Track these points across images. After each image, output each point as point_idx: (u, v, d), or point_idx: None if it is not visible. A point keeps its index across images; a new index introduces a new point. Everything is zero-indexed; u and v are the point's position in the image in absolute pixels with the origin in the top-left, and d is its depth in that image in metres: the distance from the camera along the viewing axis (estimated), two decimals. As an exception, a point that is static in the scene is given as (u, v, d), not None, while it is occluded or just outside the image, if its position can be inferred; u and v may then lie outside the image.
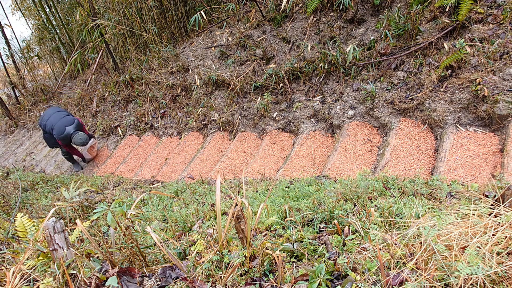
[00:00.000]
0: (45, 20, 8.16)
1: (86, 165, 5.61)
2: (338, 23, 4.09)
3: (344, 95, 3.79)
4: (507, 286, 0.97)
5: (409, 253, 1.21)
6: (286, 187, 2.76)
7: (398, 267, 1.18)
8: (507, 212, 1.15)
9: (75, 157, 5.53)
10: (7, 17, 9.30)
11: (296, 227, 1.73)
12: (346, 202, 1.97)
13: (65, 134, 4.70)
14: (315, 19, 4.34)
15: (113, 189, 3.95)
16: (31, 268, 1.36)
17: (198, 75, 5.03)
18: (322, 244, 1.47)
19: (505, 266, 0.98)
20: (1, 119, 8.99)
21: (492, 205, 1.30)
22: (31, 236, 1.47)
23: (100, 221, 2.64)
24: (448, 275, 1.02)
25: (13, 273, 1.29)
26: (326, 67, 3.96)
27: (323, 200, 2.14)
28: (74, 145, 5.04)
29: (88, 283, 1.25)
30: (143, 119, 5.67)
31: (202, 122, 4.87)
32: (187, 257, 1.59)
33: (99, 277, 1.28)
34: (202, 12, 4.51)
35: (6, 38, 8.30)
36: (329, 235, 1.60)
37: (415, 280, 1.06)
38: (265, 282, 1.23)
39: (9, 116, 8.43)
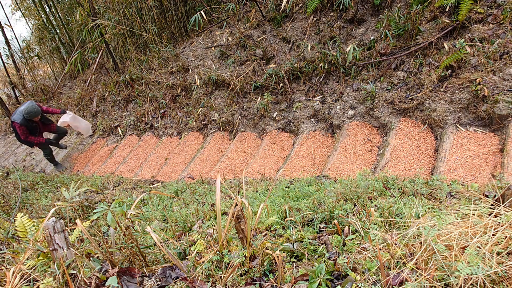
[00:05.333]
0: (45, 20, 8.15)
1: (70, 166, 5.66)
2: (338, 23, 4.09)
3: (344, 95, 3.79)
4: (507, 286, 0.97)
5: (409, 253, 1.21)
6: (286, 187, 2.76)
7: (398, 267, 1.18)
8: (507, 212, 1.15)
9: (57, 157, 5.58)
10: (7, 17, 9.29)
11: (296, 227, 1.73)
12: (346, 202, 1.97)
13: (18, 113, 4.66)
14: (315, 19, 4.34)
15: (113, 189, 3.95)
16: (31, 268, 1.36)
17: (198, 75, 5.03)
18: (322, 244, 1.47)
19: (505, 266, 0.98)
20: (1, 119, 8.99)
21: (492, 205, 1.30)
22: (31, 236, 1.47)
23: (100, 221, 2.64)
24: (448, 275, 1.02)
25: (13, 273, 1.29)
26: (326, 67, 3.96)
27: (323, 200, 2.14)
28: (30, 121, 4.79)
29: (88, 283, 1.25)
30: (143, 119, 5.67)
31: (202, 122, 4.87)
32: (187, 257, 1.59)
33: (99, 277, 1.28)
34: (202, 12, 4.51)
35: (6, 38, 8.29)
36: (329, 235, 1.60)
37: (415, 280, 1.06)
38: (265, 282, 1.23)
39: (9, 116, 8.43)
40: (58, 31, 8.20)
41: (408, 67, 3.45)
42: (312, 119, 3.98)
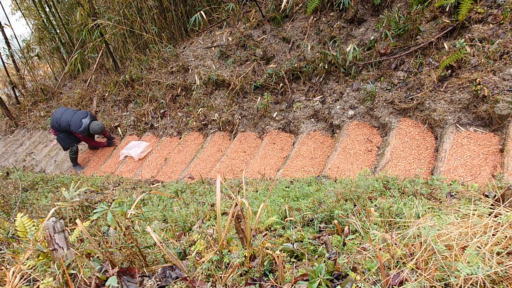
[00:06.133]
0: (45, 20, 8.15)
1: (71, 166, 5.66)
2: (338, 23, 4.09)
3: (344, 95, 3.79)
4: (507, 286, 0.97)
5: (409, 253, 1.21)
6: (286, 187, 2.76)
7: (398, 267, 1.18)
8: (507, 212, 1.15)
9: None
10: (7, 17, 9.30)
11: (296, 227, 1.73)
12: (346, 202, 1.97)
13: (84, 126, 4.99)
14: (315, 19, 4.33)
15: (113, 189, 3.95)
16: (31, 268, 1.36)
17: (198, 75, 5.03)
18: (322, 244, 1.47)
19: (505, 266, 0.98)
20: (1, 119, 8.99)
21: (492, 205, 1.30)
22: (31, 236, 1.47)
23: (100, 221, 2.64)
24: (448, 275, 1.02)
25: (13, 273, 1.29)
26: (326, 67, 3.96)
27: (323, 200, 2.14)
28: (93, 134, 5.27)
29: (88, 283, 1.25)
30: (143, 119, 5.67)
31: (202, 122, 4.87)
32: (187, 257, 1.58)
33: (99, 277, 1.28)
34: (202, 12, 4.50)
35: (6, 38, 8.29)
36: (329, 235, 1.60)
37: (415, 280, 1.06)
38: (265, 282, 1.23)
39: (9, 116, 8.43)
40: (58, 31, 8.21)
41: (408, 67, 3.45)
42: (312, 119, 3.98)
